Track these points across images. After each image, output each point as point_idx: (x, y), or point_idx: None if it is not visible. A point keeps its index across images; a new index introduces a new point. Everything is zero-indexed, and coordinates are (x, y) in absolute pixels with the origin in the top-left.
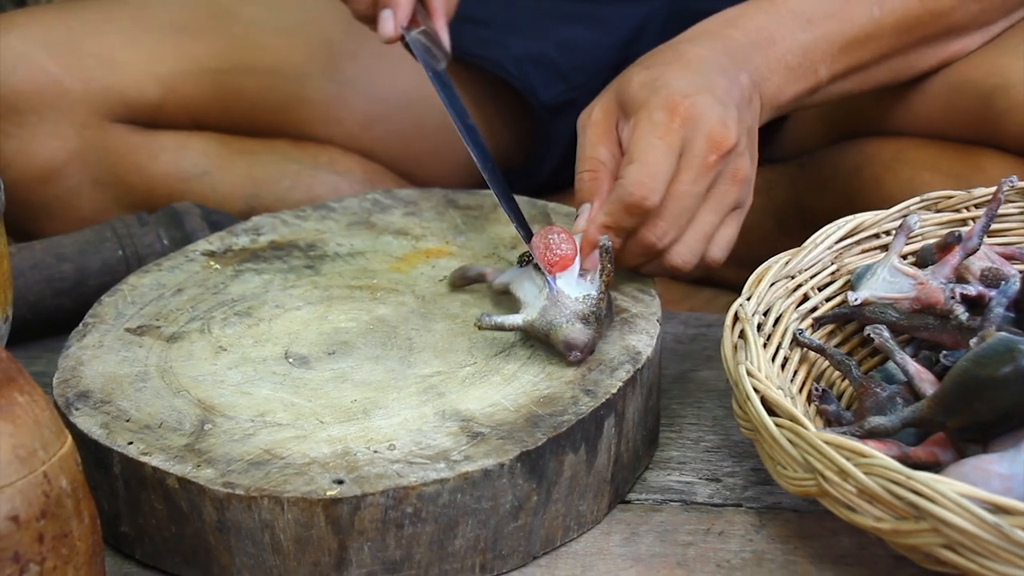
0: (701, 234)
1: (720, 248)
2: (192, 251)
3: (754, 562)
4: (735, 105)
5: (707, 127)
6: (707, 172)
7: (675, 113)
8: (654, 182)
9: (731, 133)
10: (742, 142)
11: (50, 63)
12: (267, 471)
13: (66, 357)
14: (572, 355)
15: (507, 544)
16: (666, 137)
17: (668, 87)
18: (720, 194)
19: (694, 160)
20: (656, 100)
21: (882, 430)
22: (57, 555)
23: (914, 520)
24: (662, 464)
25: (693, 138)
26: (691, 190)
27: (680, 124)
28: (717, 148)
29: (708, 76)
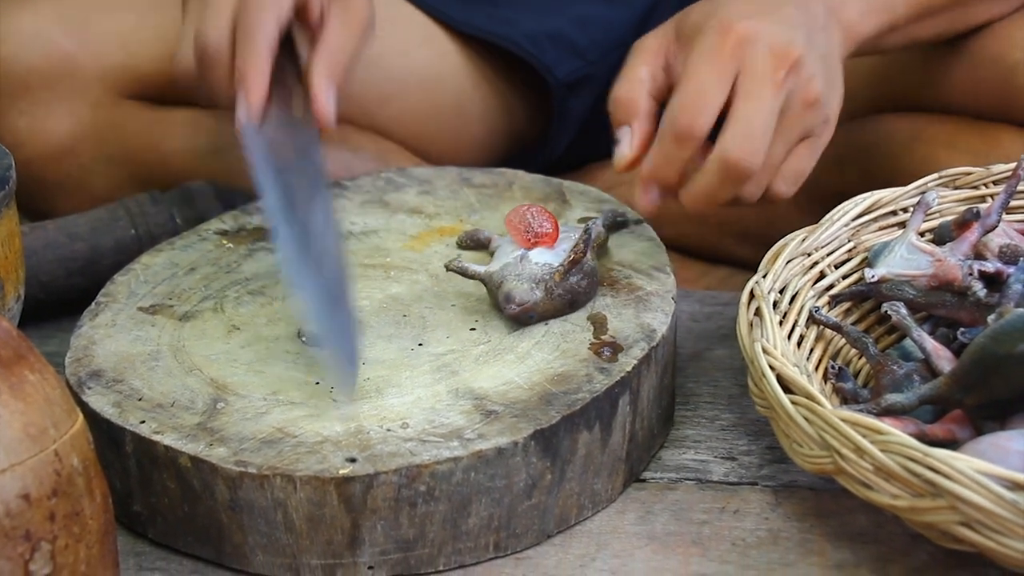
0: (771, 164)
1: (787, 182)
2: (205, 230)
3: (770, 540)
4: (803, 29)
5: (767, 44)
6: (775, 88)
7: (728, 35)
8: (702, 105)
9: (796, 48)
10: (810, 61)
11: (63, 40)
12: (280, 449)
13: (78, 336)
14: (508, 308)
15: (521, 523)
16: (717, 60)
17: (725, 11)
18: (789, 121)
19: (759, 78)
20: (710, 24)
21: (899, 407)
22: (69, 533)
23: (931, 497)
24: (677, 442)
25: (752, 57)
26: (766, 106)
27: (734, 46)
28: (782, 62)
29: (772, 3)
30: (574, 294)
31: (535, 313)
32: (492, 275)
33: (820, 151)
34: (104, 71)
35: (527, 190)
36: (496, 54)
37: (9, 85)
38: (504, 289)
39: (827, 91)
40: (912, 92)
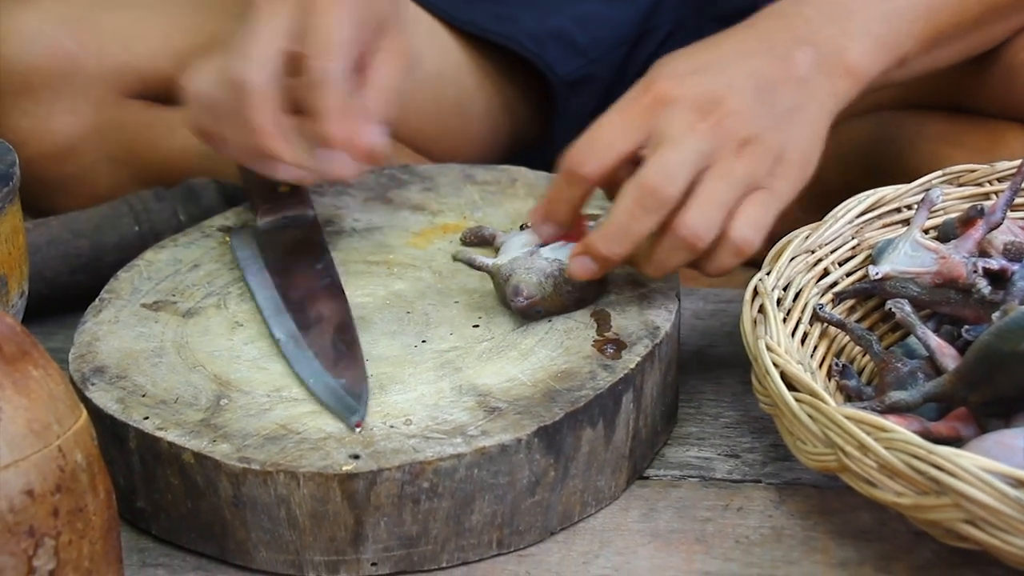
0: (709, 199)
1: (746, 227)
2: (208, 226)
3: (773, 538)
4: (756, 84)
5: (690, 102)
6: (697, 136)
7: (648, 91)
8: (591, 148)
9: (725, 107)
10: (751, 118)
11: (66, 39)
12: (283, 446)
13: (82, 332)
14: (516, 301)
15: (524, 520)
16: (628, 111)
17: (659, 67)
18: (724, 165)
19: (673, 130)
20: (641, 80)
21: (903, 405)
22: (72, 529)
23: (935, 495)
24: (681, 440)
25: (674, 113)
26: (684, 147)
27: (651, 103)
28: (703, 115)
29: (728, 60)
30: (583, 292)
31: (542, 308)
32: (500, 268)
33: (778, 205)
34: (107, 70)
35: (531, 187)
36: (498, 52)
37: (11, 84)
38: (513, 282)
39: (779, 146)
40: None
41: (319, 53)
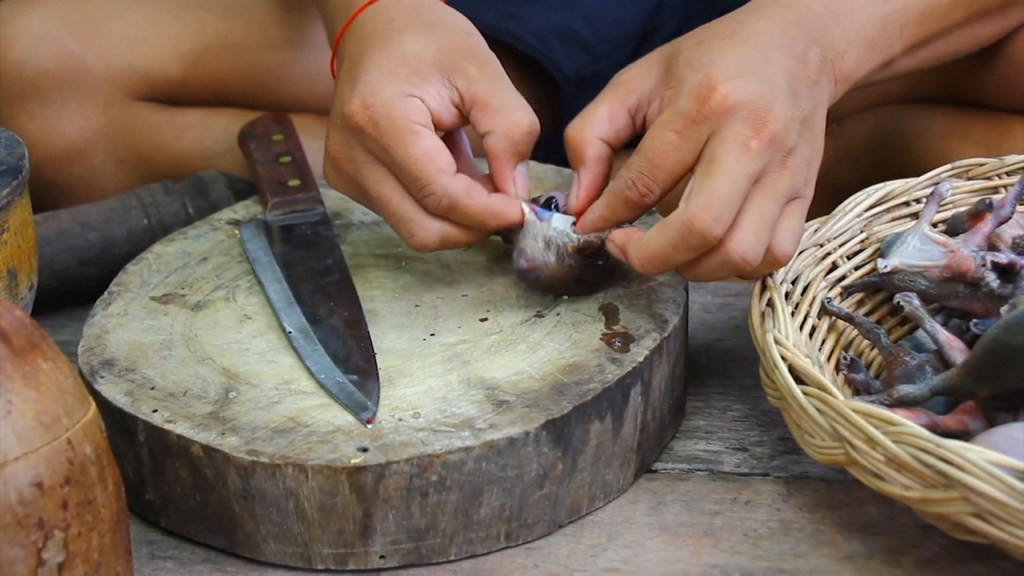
0: (761, 221)
1: (788, 239)
2: (217, 220)
3: (781, 531)
4: (790, 86)
5: (744, 113)
6: (750, 158)
7: (706, 103)
8: (655, 178)
9: (774, 119)
10: (791, 127)
11: (73, 42)
12: (292, 439)
13: (91, 325)
14: (518, 263)
15: (532, 513)
16: (686, 132)
17: (710, 66)
18: (772, 181)
19: (732, 146)
20: (691, 82)
21: (911, 399)
22: (81, 522)
23: (943, 489)
24: (689, 433)
25: (728, 125)
26: (732, 174)
27: (708, 115)
28: (758, 133)
29: (764, 54)
30: (583, 271)
31: (541, 274)
32: (514, 233)
33: (807, 207)
34: (113, 73)
35: (539, 180)
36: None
37: (19, 87)
38: (519, 244)
39: (809, 152)
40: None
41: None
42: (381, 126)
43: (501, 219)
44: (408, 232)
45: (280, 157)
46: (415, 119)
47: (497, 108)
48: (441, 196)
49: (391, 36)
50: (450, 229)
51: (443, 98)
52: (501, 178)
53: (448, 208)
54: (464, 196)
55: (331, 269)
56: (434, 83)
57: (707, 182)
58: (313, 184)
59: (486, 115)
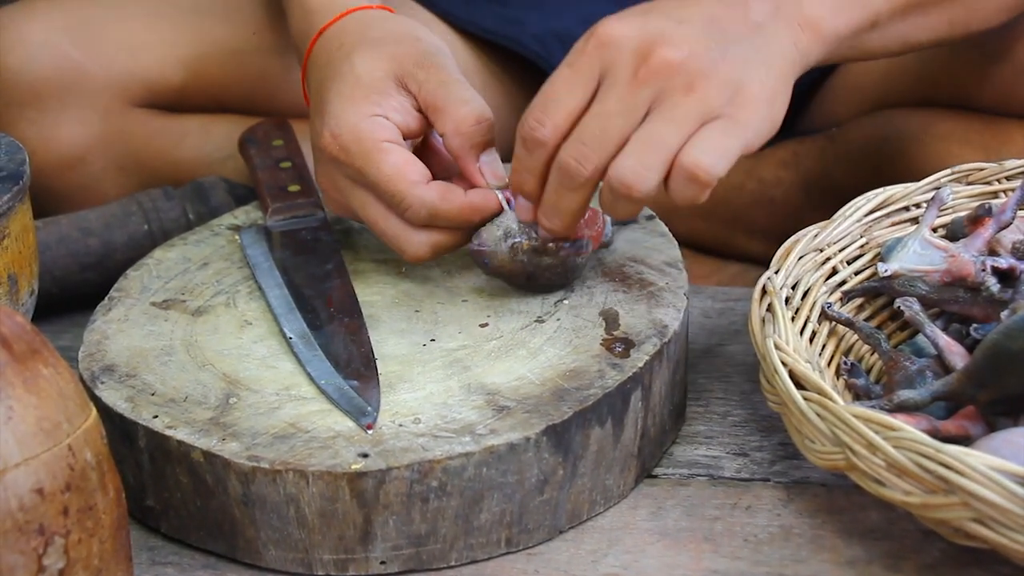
0: (648, 143)
1: (703, 153)
2: (218, 225)
3: (782, 536)
4: (709, 25)
5: (634, 43)
6: (635, 88)
7: (590, 38)
8: (546, 109)
9: (671, 48)
10: (703, 54)
11: (72, 49)
12: (292, 444)
13: (91, 331)
14: (471, 244)
15: (533, 518)
16: (574, 63)
17: (613, 17)
18: (670, 105)
19: (616, 77)
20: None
21: (912, 404)
22: (82, 528)
23: (944, 494)
24: (689, 438)
25: (616, 57)
26: (612, 107)
27: (595, 46)
28: (645, 60)
29: (681, 6)
30: (536, 270)
31: (489, 261)
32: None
33: (743, 133)
34: (113, 80)
35: None
36: (504, 54)
37: (19, 95)
38: (479, 229)
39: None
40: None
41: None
42: (352, 151)
43: (483, 213)
44: (400, 249)
45: (280, 162)
46: (381, 137)
47: (444, 108)
48: (419, 207)
49: (343, 61)
50: (439, 236)
51: (405, 108)
52: (468, 173)
53: (429, 217)
54: (441, 202)
55: (331, 274)
56: (392, 96)
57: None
58: (313, 189)
59: (438, 118)
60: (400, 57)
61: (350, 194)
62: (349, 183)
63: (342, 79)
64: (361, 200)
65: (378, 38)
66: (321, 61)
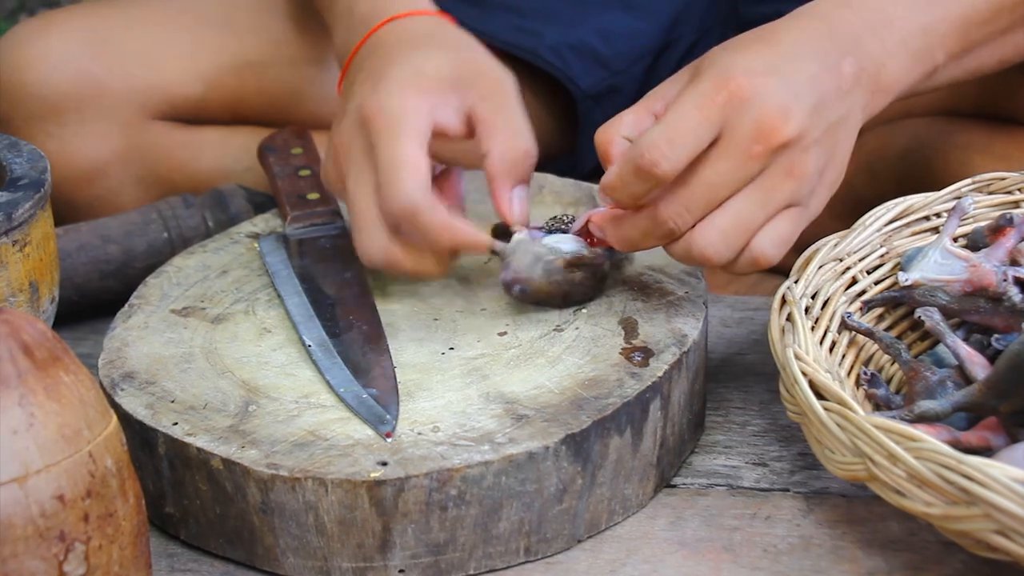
0: (736, 223)
1: (770, 244)
2: (237, 233)
3: (801, 547)
4: (816, 95)
5: (757, 111)
6: (747, 162)
7: (724, 87)
8: (671, 148)
9: (789, 125)
10: (808, 136)
11: (91, 62)
12: (311, 452)
13: (112, 338)
14: (503, 275)
15: (551, 527)
16: (703, 108)
17: (732, 62)
18: (767, 187)
19: (733, 145)
20: (711, 72)
21: (932, 414)
22: (102, 534)
23: (965, 505)
24: (708, 448)
25: (738, 120)
26: (721, 177)
27: (725, 99)
28: (765, 138)
29: (791, 61)
30: (570, 287)
31: (528, 288)
32: (506, 249)
33: (807, 221)
34: (132, 92)
35: (558, 194)
36: (521, 66)
37: (39, 108)
38: (507, 259)
39: (823, 164)
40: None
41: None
42: (379, 123)
43: (459, 244)
44: (357, 237)
45: (299, 170)
46: (414, 126)
47: (498, 128)
48: (404, 198)
49: (409, 53)
50: (396, 249)
51: (452, 110)
52: (499, 198)
53: (407, 213)
54: (427, 208)
55: (350, 282)
56: (446, 97)
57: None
58: (332, 198)
59: (488, 135)
60: (465, 67)
61: (353, 164)
62: (359, 154)
63: (405, 66)
64: (358, 175)
65: (449, 43)
66: (386, 44)
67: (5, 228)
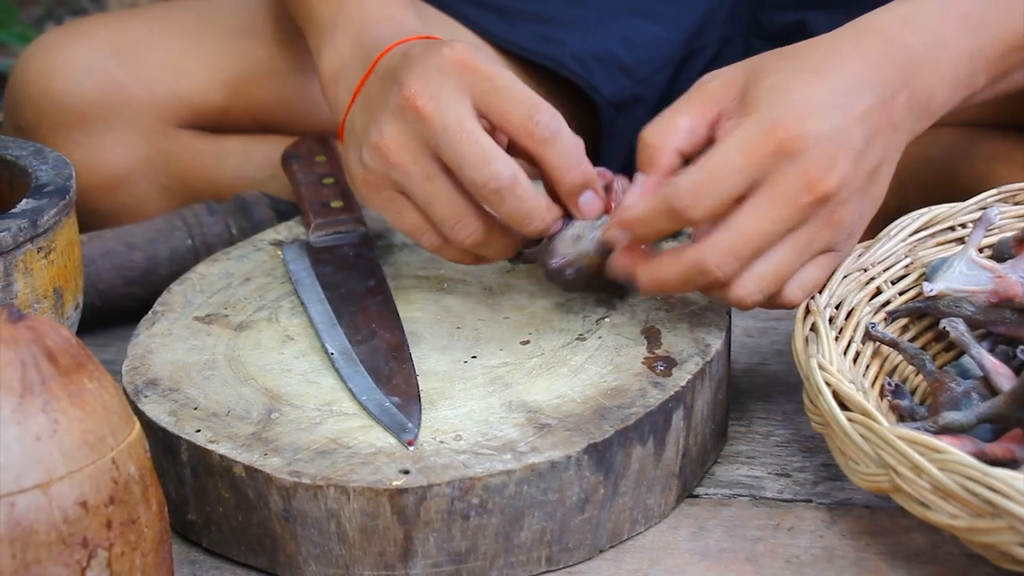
0: (776, 272)
1: (801, 290)
2: (260, 240)
3: (824, 558)
4: (864, 136)
5: (806, 164)
6: (794, 214)
7: (774, 136)
8: (710, 195)
9: (833, 178)
10: (851, 186)
11: (117, 71)
12: (333, 460)
13: (135, 345)
14: (551, 263)
15: (573, 537)
16: (750, 156)
17: (791, 101)
18: (808, 235)
19: (780, 195)
20: (766, 112)
21: (957, 426)
22: (125, 541)
23: (990, 518)
24: (731, 458)
25: (785, 172)
26: (768, 228)
27: (774, 151)
28: (811, 191)
29: (846, 95)
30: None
31: (580, 266)
32: (541, 247)
33: (838, 263)
34: (157, 101)
35: None
36: (544, 73)
37: (64, 116)
38: (549, 249)
39: (861, 209)
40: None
41: (534, 112)
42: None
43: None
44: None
45: (323, 178)
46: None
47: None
48: (504, 169)
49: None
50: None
51: None
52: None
53: (509, 184)
54: (515, 179)
55: (373, 290)
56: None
57: (739, 225)
58: (356, 205)
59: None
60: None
61: (419, 163)
62: (420, 147)
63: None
64: (426, 170)
65: None
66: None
67: (30, 235)
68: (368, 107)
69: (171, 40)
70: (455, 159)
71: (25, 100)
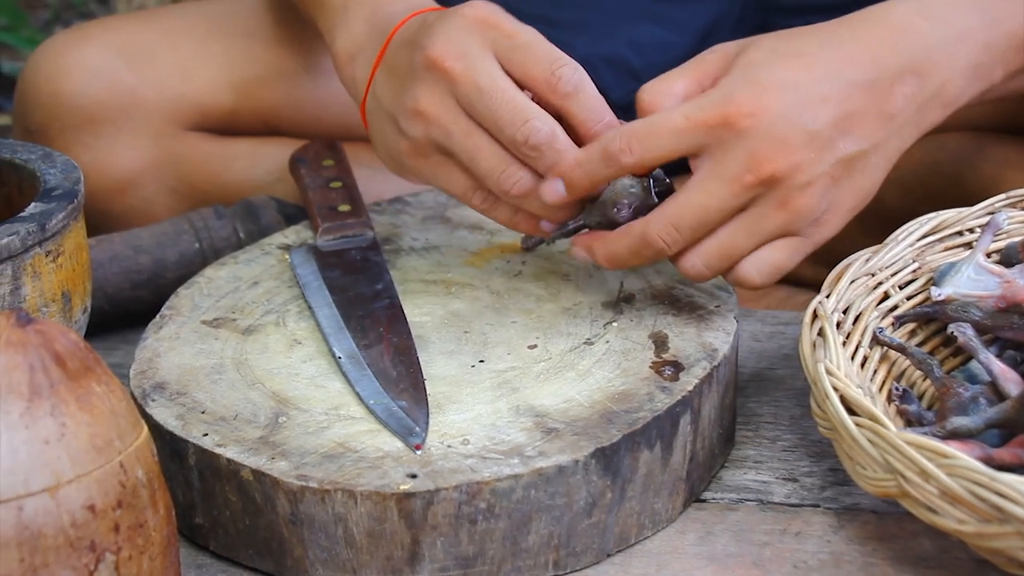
0: (721, 248)
1: (756, 271)
2: (268, 244)
3: (832, 563)
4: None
5: (754, 142)
6: (738, 192)
7: (722, 109)
8: (640, 145)
9: (781, 159)
10: (808, 171)
11: (126, 73)
12: (341, 464)
13: (143, 348)
14: (620, 213)
15: (580, 541)
16: (690, 121)
17: (750, 79)
18: (758, 216)
19: (723, 173)
20: (727, 86)
21: (965, 431)
22: (132, 545)
23: (998, 523)
24: (738, 463)
25: (731, 148)
26: (707, 202)
27: (719, 123)
28: (755, 170)
29: (830, 81)
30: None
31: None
32: (591, 208)
33: (809, 250)
34: (166, 103)
35: None
36: None
37: (74, 119)
38: (611, 198)
39: (834, 197)
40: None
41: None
42: (470, 64)
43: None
44: (499, 185)
45: (331, 182)
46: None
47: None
48: (542, 124)
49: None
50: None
51: None
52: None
53: (547, 140)
54: (560, 131)
55: (381, 294)
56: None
57: (682, 199)
58: (363, 210)
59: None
60: None
61: (458, 121)
62: (455, 107)
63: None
64: (468, 128)
65: None
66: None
67: (39, 239)
68: (393, 77)
69: (180, 43)
70: (491, 118)
71: (34, 103)
